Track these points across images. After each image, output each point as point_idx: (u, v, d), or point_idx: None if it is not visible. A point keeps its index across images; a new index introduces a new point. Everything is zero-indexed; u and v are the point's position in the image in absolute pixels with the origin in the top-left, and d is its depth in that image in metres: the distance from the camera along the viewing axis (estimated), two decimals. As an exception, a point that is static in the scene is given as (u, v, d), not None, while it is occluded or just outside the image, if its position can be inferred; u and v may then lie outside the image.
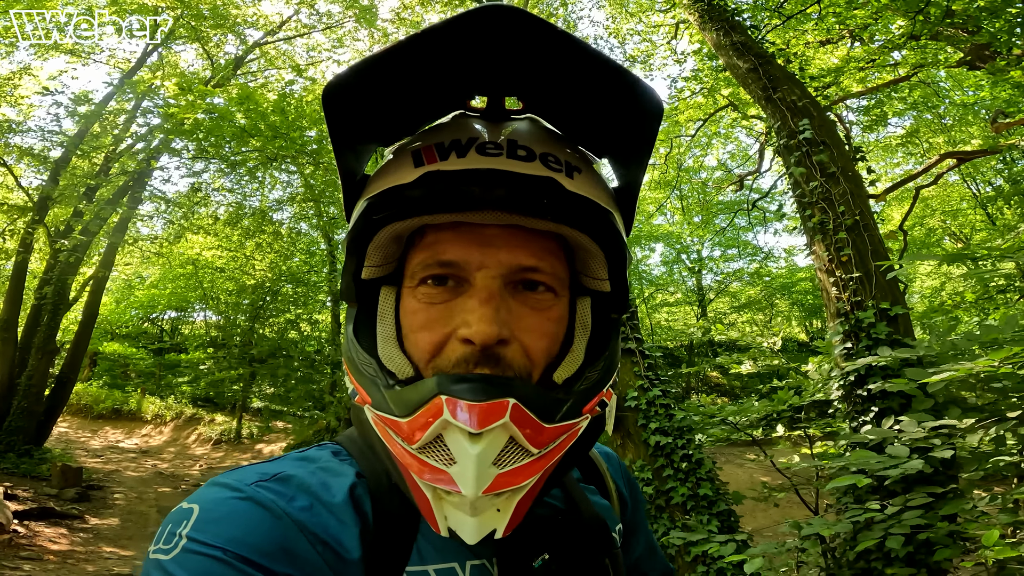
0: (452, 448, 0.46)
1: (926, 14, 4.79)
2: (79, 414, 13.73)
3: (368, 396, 0.53)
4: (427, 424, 0.47)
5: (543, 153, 0.52)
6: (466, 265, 0.52)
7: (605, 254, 0.57)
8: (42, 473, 8.12)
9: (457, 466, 0.46)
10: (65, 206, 8.55)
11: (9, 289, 9.37)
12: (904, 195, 10.90)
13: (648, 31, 10.18)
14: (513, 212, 0.51)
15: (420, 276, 0.54)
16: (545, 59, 0.49)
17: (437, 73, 0.52)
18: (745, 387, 14.99)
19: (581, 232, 0.54)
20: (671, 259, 20.69)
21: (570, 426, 0.51)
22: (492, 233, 0.52)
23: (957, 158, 6.97)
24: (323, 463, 0.55)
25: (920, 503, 2.73)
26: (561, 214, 0.52)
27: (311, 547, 0.47)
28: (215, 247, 13.87)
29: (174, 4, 8.07)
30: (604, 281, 0.59)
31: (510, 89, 0.57)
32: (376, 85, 0.50)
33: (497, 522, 0.47)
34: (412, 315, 0.54)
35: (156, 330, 20.74)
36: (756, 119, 9.03)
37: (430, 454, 0.47)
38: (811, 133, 4.68)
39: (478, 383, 0.47)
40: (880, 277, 4.31)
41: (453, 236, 0.53)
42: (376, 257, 0.56)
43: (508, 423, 0.46)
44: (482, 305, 0.50)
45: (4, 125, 8.15)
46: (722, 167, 17.45)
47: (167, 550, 0.44)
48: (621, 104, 0.51)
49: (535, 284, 0.54)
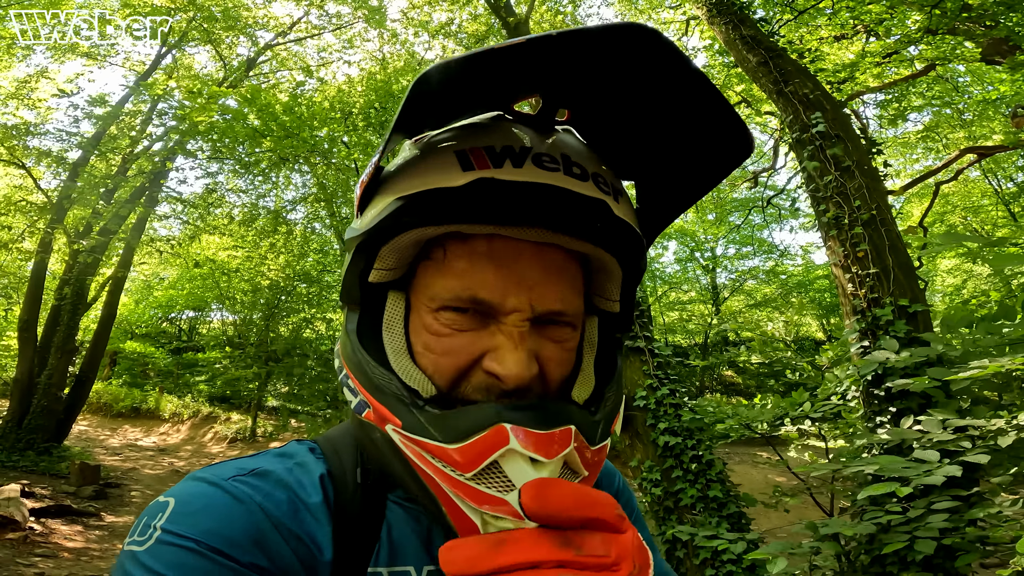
0: (512, 475, 0.44)
1: (942, 8, 4.67)
2: (99, 412, 14.04)
3: (395, 416, 0.49)
4: (486, 452, 0.45)
5: (594, 173, 0.50)
6: (499, 306, 0.49)
7: (625, 278, 0.57)
8: (61, 471, 8.23)
9: (516, 493, 0.43)
10: (83, 207, 8.73)
11: (29, 289, 9.58)
12: (924, 191, 10.66)
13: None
14: (559, 232, 0.50)
15: (446, 304, 0.50)
16: (653, 83, 0.47)
17: (515, 77, 0.48)
18: (760, 386, 14.80)
19: (613, 256, 0.54)
20: (685, 257, 20.51)
21: (606, 446, 0.52)
22: (526, 266, 0.50)
23: (978, 153, 6.80)
24: (299, 459, 0.55)
25: (945, 506, 2.63)
26: (604, 238, 0.52)
27: (284, 542, 0.47)
28: (230, 247, 14.08)
29: (186, 7, 8.20)
30: (615, 303, 0.59)
31: (576, 102, 0.54)
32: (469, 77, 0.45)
33: None
34: (433, 337, 0.51)
35: (175, 329, 21.17)
36: (769, 115, 8.90)
37: (484, 481, 0.45)
38: (824, 126, 4.58)
39: (540, 411, 0.46)
40: (898, 273, 4.20)
41: (489, 266, 0.49)
42: (390, 260, 0.53)
43: (572, 450, 0.46)
44: (516, 348, 0.49)
45: (22, 128, 8.33)
46: (736, 164, 17.23)
47: (141, 542, 0.44)
48: (709, 141, 0.50)
49: (558, 321, 0.53)
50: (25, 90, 8.85)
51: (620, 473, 0.74)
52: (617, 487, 0.72)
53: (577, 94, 0.53)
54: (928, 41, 5.69)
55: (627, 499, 0.72)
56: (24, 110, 8.88)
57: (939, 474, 2.49)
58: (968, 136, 9.84)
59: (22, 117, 8.74)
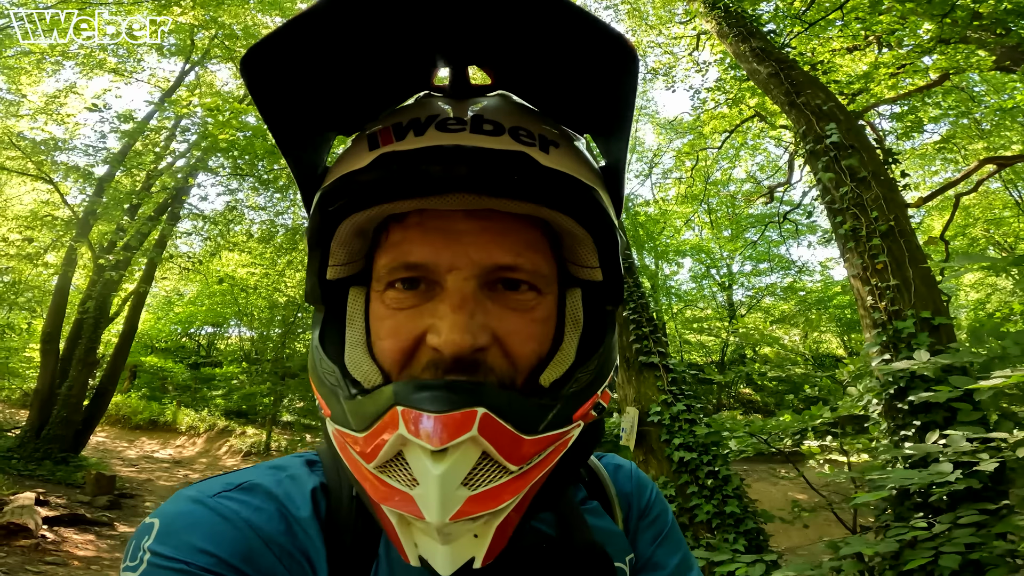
0: (413, 467, 0.41)
1: (953, 17, 4.65)
2: (117, 424, 14.22)
3: (328, 408, 0.48)
4: (383, 440, 0.42)
5: (513, 127, 0.46)
6: (435, 267, 0.47)
7: (593, 238, 0.51)
8: (77, 481, 8.25)
9: (420, 488, 0.40)
10: (108, 223, 8.98)
11: (52, 303, 9.82)
12: (944, 204, 10.47)
13: (669, 43, 10.17)
14: (482, 193, 0.46)
15: (387, 280, 0.49)
16: (510, 16, 0.42)
17: (393, 42, 0.45)
18: (780, 404, 14.47)
19: (563, 213, 0.48)
20: (700, 274, 20.34)
21: (557, 436, 0.45)
22: (462, 228, 0.47)
23: (997, 163, 6.68)
24: (292, 471, 0.52)
25: (971, 520, 2.53)
26: (537, 193, 0.47)
27: (277, 560, 0.45)
28: (249, 264, 14.33)
29: (208, 24, 8.50)
30: (595, 269, 0.53)
31: (475, 57, 0.49)
32: (317, 54, 0.42)
33: (475, 550, 0.42)
34: (380, 321, 0.50)
35: (194, 345, 21.52)
36: (784, 128, 8.87)
37: (391, 474, 0.42)
38: (838, 137, 4.55)
39: (441, 391, 0.42)
40: (920, 285, 4.11)
41: (419, 233, 0.47)
42: (340, 255, 0.52)
43: (477, 437, 0.40)
44: (454, 312, 0.45)
45: (51, 143, 8.64)
46: (751, 179, 17.17)
47: (134, 567, 0.43)
48: (590, 58, 0.43)
49: (516, 283, 0.48)
50: (54, 105, 9.18)
51: (655, 485, 0.70)
52: (648, 500, 0.67)
53: (464, 48, 0.48)
54: (941, 51, 5.65)
55: (659, 512, 0.67)
56: (53, 125, 9.18)
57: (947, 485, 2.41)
58: (987, 146, 9.68)
59: (50, 132, 9.04)
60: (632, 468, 0.70)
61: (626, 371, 5.47)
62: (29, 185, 10.95)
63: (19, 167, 9.43)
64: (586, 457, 0.51)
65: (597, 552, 0.55)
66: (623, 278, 0.54)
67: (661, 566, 0.63)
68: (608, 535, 0.60)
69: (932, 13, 4.66)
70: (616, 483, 0.66)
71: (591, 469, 0.66)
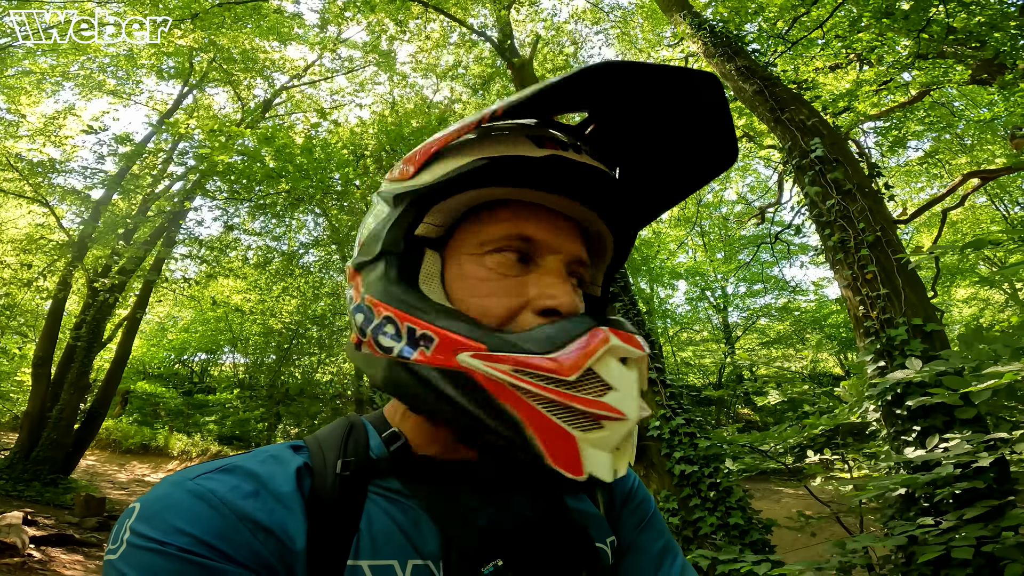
0: (608, 377, 0.48)
1: (929, 32, 4.85)
2: (108, 448, 14.09)
3: (476, 342, 0.49)
4: (587, 355, 0.48)
5: (609, 166, 0.61)
6: (541, 244, 0.56)
7: (611, 265, 0.65)
8: (66, 502, 8.19)
9: (616, 393, 0.48)
10: (103, 247, 8.96)
11: (45, 327, 9.79)
12: (932, 220, 10.64)
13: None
14: (589, 207, 0.59)
15: (496, 245, 0.55)
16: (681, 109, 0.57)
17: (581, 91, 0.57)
18: (779, 422, 14.36)
19: (613, 236, 0.63)
20: (695, 296, 20.42)
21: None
22: (562, 224, 0.58)
23: (981, 177, 6.83)
24: (274, 453, 0.54)
25: (976, 515, 2.52)
26: (616, 220, 0.62)
27: (251, 535, 0.46)
28: (244, 291, 14.31)
29: (207, 47, 8.68)
30: (597, 287, 0.65)
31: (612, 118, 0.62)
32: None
33: (621, 462, 0.49)
34: (480, 281, 0.54)
35: (187, 371, 21.30)
36: (771, 148, 9.08)
37: (584, 388, 0.48)
38: (823, 151, 4.66)
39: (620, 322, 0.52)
40: (909, 293, 4.16)
41: (534, 216, 0.56)
42: (438, 217, 0.56)
43: (645, 358, 0.52)
44: (563, 282, 0.55)
45: (48, 164, 8.68)
46: (742, 200, 17.44)
47: (115, 549, 0.45)
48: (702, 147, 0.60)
49: (577, 276, 0.59)
50: (53, 127, 9.24)
51: (637, 476, 0.73)
52: (632, 488, 0.71)
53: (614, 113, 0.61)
54: (919, 66, 5.86)
55: (642, 499, 0.71)
56: (50, 147, 9.22)
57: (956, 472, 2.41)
58: (970, 161, 9.90)
59: (48, 154, 9.07)
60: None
61: (624, 387, 5.47)
62: (25, 208, 10.97)
63: (16, 188, 9.45)
64: None
65: (577, 531, 0.59)
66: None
67: (645, 550, 0.66)
68: (588, 517, 0.62)
69: (908, 29, 4.86)
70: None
71: None
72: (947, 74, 6.06)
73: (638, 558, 0.65)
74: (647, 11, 11.00)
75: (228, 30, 8.66)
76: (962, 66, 5.67)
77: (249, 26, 9.39)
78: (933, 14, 4.78)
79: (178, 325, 19.13)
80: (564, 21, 12.19)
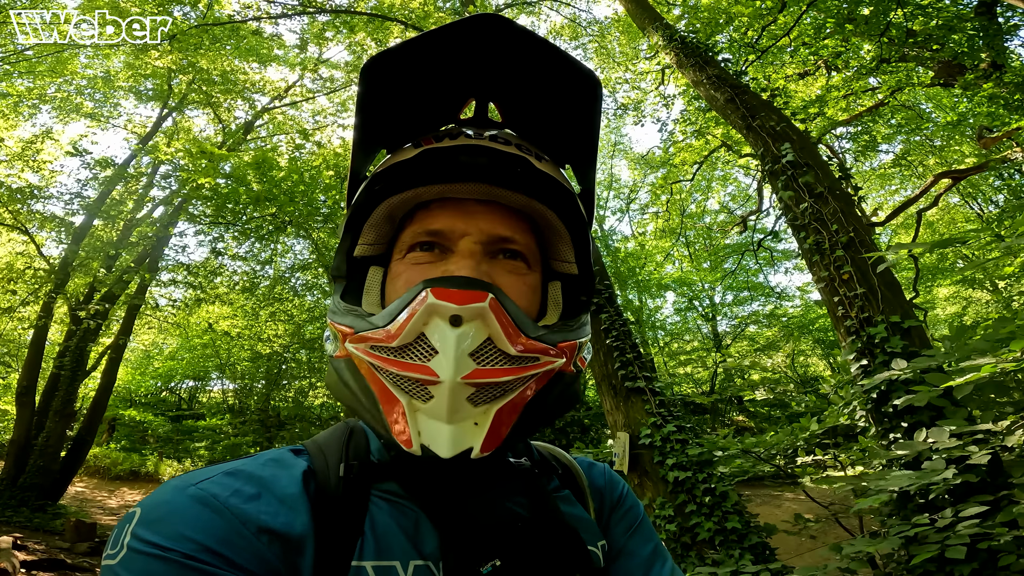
0: (433, 338, 0.48)
1: (889, 36, 5.00)
2: (96, 475, 13.92)
3: (350, 328, 0.54)
4: (410, 317, 0.49)
5: (517, 144, 0.60)
6: (451, 233, 0.57)
7: (571, 234, 0.63)
8: (56, 528, 8.13)
9: (438, 356, 0.48)
10: (85, 275, 8.83)
11: (28, 357, 9.67)
12: (908, 221, 10.84)
13: (636, 78, 10.72)
14: (492, 184, 0.58)
15: (409, 244, 0.59)
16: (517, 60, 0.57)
17: (434, 78, 0.60)
18: (770, 421, 14.39)
19: (549, 208, 0.61)
20: (684, 307, 20.53)
21: (545, 349, 0.53)
22: (474, 209, 0.58)
23: (952, 177, 6.98)
24: (276, 457, 0.55)
25: (973, 512, 2.52)
26: (532, 188, 0.59)
27: (254, 538, 0.46)
28: (230, 316, 14.13)
29: (186, 68, 8.67)
30: (572, 264, 0.64)
31: (492, 94, 0.64)
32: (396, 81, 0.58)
33: (474, 438, 0.48)
34: (397, 277, 0.58)
35: (174, 398, 20.97)
36: (749, 156, 9.25)
37: (410, 353, 0.49)
38: (793, 155, 4.76)
39: (461, 278, 0.52)
40: (885, 291, 4.22)
41: (440, 210, 0.59)
42: (370, 235, 0.62)
43: (487, 311, 0.49)
44: (463, 259, 0.55)
45: (27, 191, 8.56)
46: (724, 210, 17.67)
47: (114, 554, 0.45)
48: (568, 91, 0.58)
49: (512, 252, 0.59)
50: (31, 151, 9.14)
51: (627, 483, 0.75)
52: (621, 494, 0.72)
53: (485, 85, 0.63)
54: (884, 70, 6.04)
55: (631, 505, 0.72)
56: (29, 172, 9.12)
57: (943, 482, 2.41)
58: (940, 162, 10.15)
59: (27, 180, 8.97)
60: (606, 467, 0.75)
61: (613, 397, 5.46)
62: (5, 236, 10.79)
63: (-7, 216, 9.30)
64: (567, 404, 0.58)
65: (570, 533, 0.60)
66: (594, 274, 0.65)
67: (634, 554, 0.67)
68: (580, 521, 0.64)
69: (870, 33, 5.01)
70: (589, 477, 0.72)
71: (564, 463, 0.72)
72: (910, 77, 6.25)
73: (628, 562, 0.66)
74: (623, 25, 11.24)
75: (207, 51, 8.67)
76: (924, 68, 5.85)
77: (228, 47, 9.39)
78: (892, 18, 4.95)
79: (164, 353, 18.89)
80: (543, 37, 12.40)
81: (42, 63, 8.12)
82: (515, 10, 11.75)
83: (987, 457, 2.53)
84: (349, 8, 9.39)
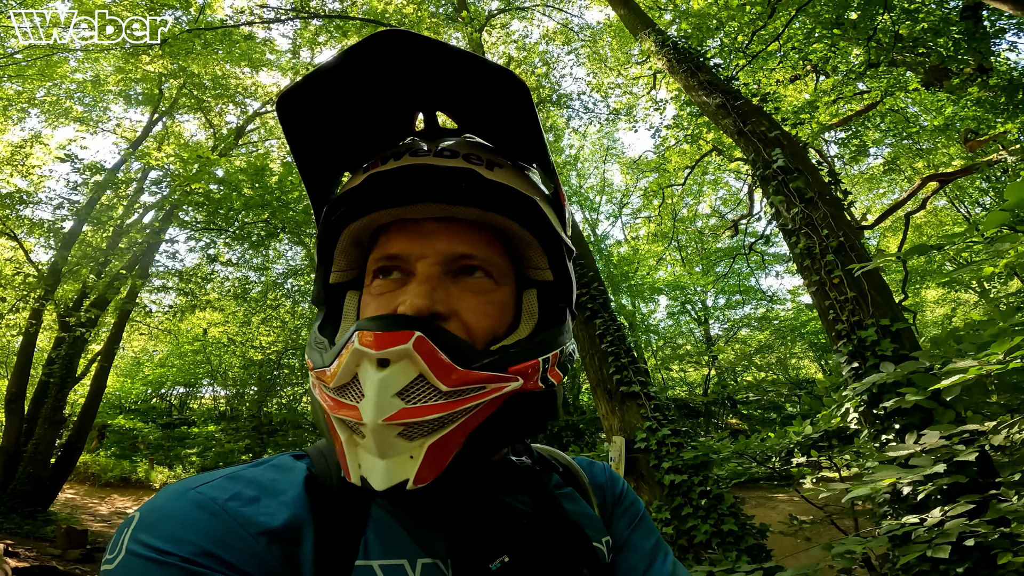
0: (362, 381, 0.49)
1: (877, 40, 5.08)
2: (87, 482, 13.78)
3: (311, 361, 0.56)
4: (343, 359, 0.50)
5: (467, 154, 0.58)
6: (408, 256, 0.56)
7: (539, 241, 0.61)
8: (46, 535, 8.08)
9: (365, 399, 0.48)
10: (75, 281, 8.73)
11: (16, 364, 9.57)
12: (896, 224, 10.97)
13: (628, 83, 10.78)
14: (443, 202, 0.57)
15: (372, 271, 0.59)
16: (436, 70, 0.55)
17: (382, 97, 0.59)
18: (765, 423, 14.47)
19: (510, 219, 0.58)
20: (676, 311, 20.62)
21: (491, 377, 0.51)
22: (430, 228, 0.57)
23: (939, 180, 7.09)
24: (278, 462, 0.55)
25: (961, 511, 2.55)
26: (484, 200, 0.57)
27: (254, 541, 0.46)
28: (222, 323, 14.03)
29: (177, 73, 8.61)
30: (546, 270, 0.62)
31: (432, 104, 0.62)
32: (328, 107, 0.56)
33: (408, 471, 0.48)
34: (365, 307, 0.59)
35: (165, 405, 20.76)
36: (740, 160, 9.33)
37: (347, 394, 0.50)
38: (784, 161, 4.81)
39: (389, 319, 0.51)
40: (875, 295, 4.27)
41: (398, 234, 0.58)
42: (341, 262, 0.63)
43: (412, 351, 0.48)
44: (418, 285, 0.54)
45: (15, 196, 8.46)
46: (716, 214, 17.80)
47: (112, 559, 0.44)
48: (496, 93, 0.55)
49: (473, 269, 0.57)
50: (19, 156, 9.03)
51: (626, 481, 0.76)
52: (622, 490, 0.73)
53: (424, 98, 0.61)
54: (872, 74, 6.12)
55: (632, 500, 0.73)
56: (17, 177, 9.00)
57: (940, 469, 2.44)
58: (928, 165, 10.28)
59: (15, 185, 8.85)
60: (606, 465, 0.76)
61: (609, 402, 5.48)
62: (-7, 242, 10.65)
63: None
64: (535, 422, 0.57)
65: (574, 529, 0.60)
66: (572, 280, 0.64)
67: (637, 547, 0.68)
68: (584, 517, 0.65)
69: (858, 37, 5.08)
70: (590, 475, 0.73)
71: (564, 463, 0.73)
72: (899, 81, 6.33)
73: (631, 555, 0.67)
74: (615, 30, 11.31)
75: (199, 56, 8.62)
76: (913, 73, 5.93)
77: (220, 51, 9.34)
78: (879, 23, 5.02)
79: (154, 360, 18.70)
80: (535, 42, 12.46)
81: (32, 67, 8.03)
82: (508, 15, 11.81)
83: (974, 454, 2.57)
84: (342, 13, 9.40)
